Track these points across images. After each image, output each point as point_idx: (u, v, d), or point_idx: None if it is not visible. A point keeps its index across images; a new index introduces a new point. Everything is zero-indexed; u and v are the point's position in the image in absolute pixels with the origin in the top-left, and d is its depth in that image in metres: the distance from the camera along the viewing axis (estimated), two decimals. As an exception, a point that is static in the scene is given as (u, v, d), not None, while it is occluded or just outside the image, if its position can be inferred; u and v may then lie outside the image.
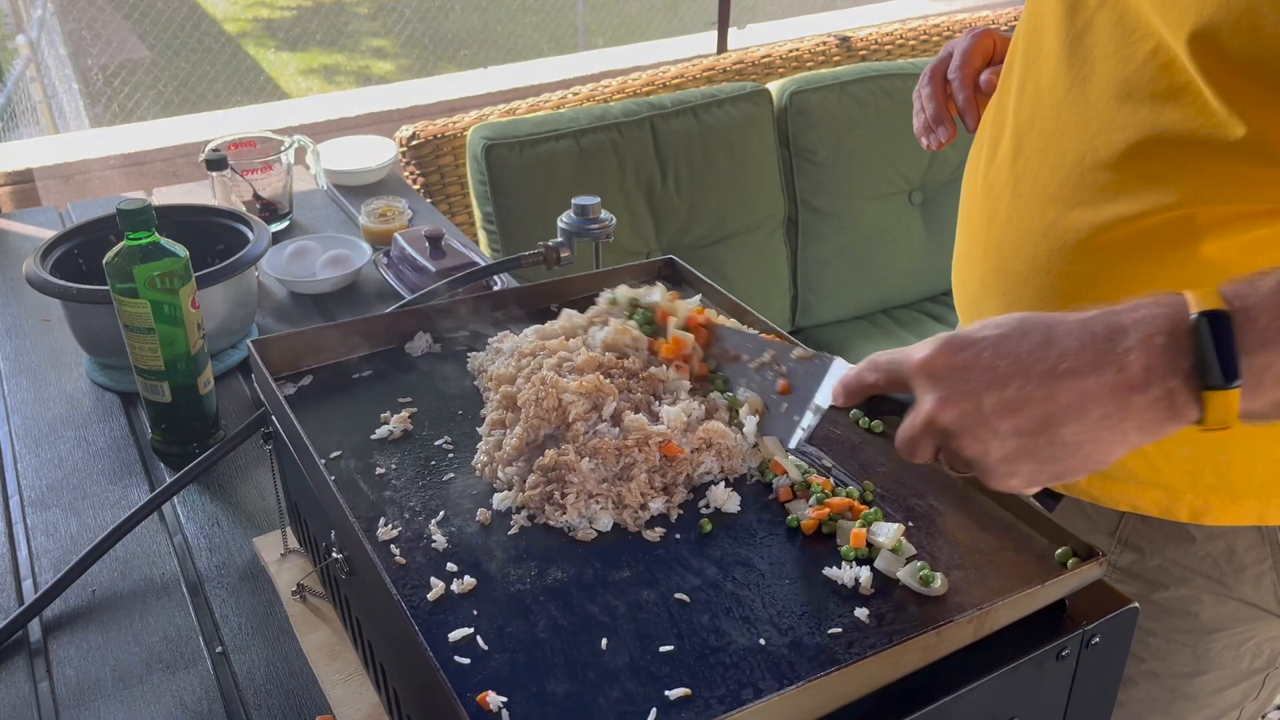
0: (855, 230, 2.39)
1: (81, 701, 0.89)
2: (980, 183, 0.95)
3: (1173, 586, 0.94)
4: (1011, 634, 0.69)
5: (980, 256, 0.94)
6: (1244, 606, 0.93)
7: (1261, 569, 0.91)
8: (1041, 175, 0.86)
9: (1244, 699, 1.00)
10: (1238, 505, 0.88)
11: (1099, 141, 0.81)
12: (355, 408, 0.91)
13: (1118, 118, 0.80)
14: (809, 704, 0.62)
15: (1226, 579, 0.92)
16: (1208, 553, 0.92)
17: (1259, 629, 0.95)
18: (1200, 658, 0.96)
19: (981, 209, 0.94)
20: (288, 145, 1.68)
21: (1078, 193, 0.83)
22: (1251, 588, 0.92)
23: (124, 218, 1.06)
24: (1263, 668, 0.98)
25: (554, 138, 2.07)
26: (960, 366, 0.64)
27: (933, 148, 1.03)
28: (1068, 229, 0.84)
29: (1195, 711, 1.00)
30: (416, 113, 2.57)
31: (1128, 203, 0.80)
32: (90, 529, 1.08)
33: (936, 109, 1.01)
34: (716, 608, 0.70)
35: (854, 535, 0.74)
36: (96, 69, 5.16)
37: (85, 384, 1.33)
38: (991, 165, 0.93)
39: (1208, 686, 0.98)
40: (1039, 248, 0.86)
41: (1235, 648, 0.96)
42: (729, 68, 2.45)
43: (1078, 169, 0.83)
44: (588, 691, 0.64)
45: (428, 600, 0.71)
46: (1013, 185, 0.89)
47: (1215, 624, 0.94)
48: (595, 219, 1.24)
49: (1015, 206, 0.89)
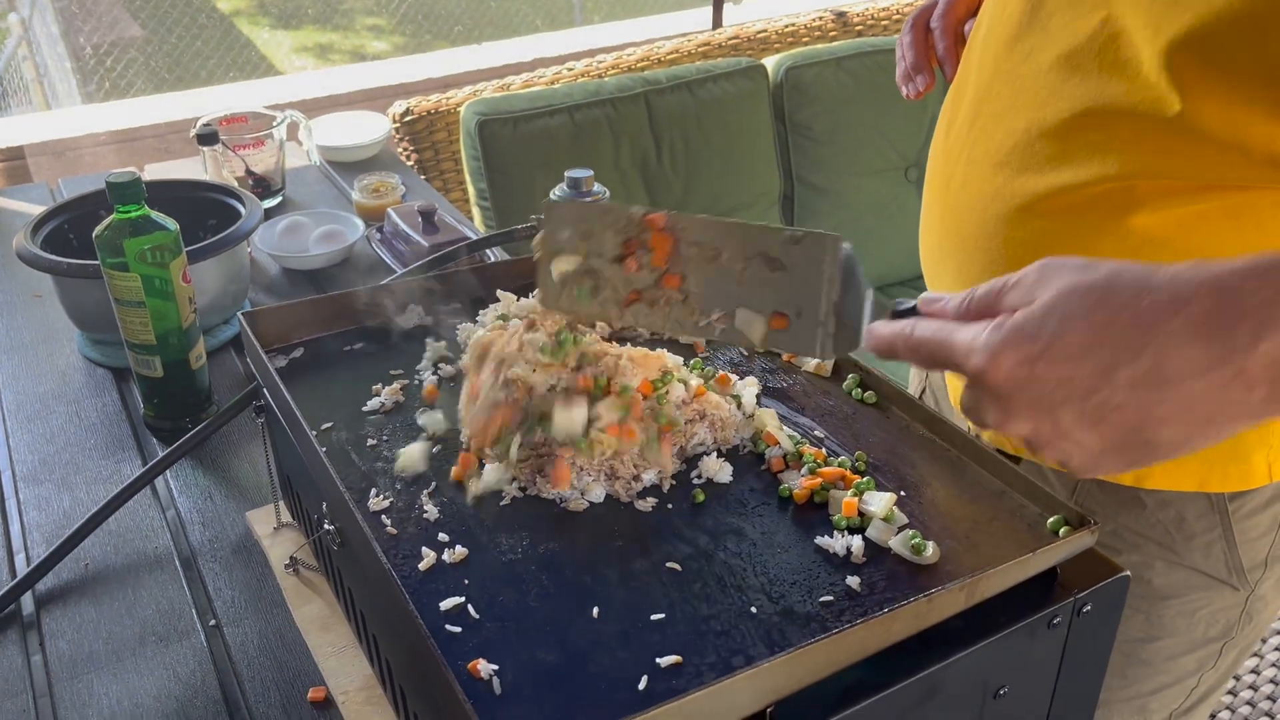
0: (851, 206, 2.38)
1: (75, 674, 0.89)
2: (942, 144, 0.96)
3: (1125, 552, 0.94)
4: (1003, 602, 0.69)
5: (938, 218, 0.95)
6: (1195, 574, 0.94)
7: (1211, 537, 0.92)
8: (994, 140, 0.87)
9: (1200, 668, 1.01)
10: (1179, 469, 0.89)
11: (1046, 110, 0.82)
12: (347, 380, 0.91)
13: (1064, 87, 0.80)
14: (799, 671, 0.62)
15: (1177, 546, 0.93)
16: (1158, 520, 0.92)
17: (1211, 598, 0.95)
18: (1153, 624, 0.97)
19: (940, 171, 0.95)
20: (280, 121, 1.67)
21: (1025, 159, 0.84)
22: (1202, 556, 0.93)
23: (113, 191, 1.05)
24: (1218, 637, 0.99)
25: (548, 113, 2.05)
26: (1029, 380, 0.55)
27: (911, 96, 1.03)
28: (1014, 194, 0.85)
29: (1150, 677, 1.01)
30: (410, 89, 2.56)
31: (1071, 171, 0.80)
32: (83, 504, 1.08)
33: (916, 57, 1.01)
34: (708, 576, 0.70)
35: (845, 504, 0.74)
36: (89, 47, 5.12)
37: (77, 359, 1.32)
38: (952, 128, 0.94)
39: (1162, 653, 0.99)
40: (988, 212, 0.87)
41: (1188, 615, 0.97)
42: (724, 43, 2.44)
43: (1025, 136, 0.84)
44: (578, 659, 0.63)
45: (419, 570, 0.71)
46: (969, 149, 0.90)
47: (1167, 591, 0.95)
48: (588, 192, 1.23)
49: (969, 170, 0.90)
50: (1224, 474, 0.89)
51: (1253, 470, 0.88)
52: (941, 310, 0.61)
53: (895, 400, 0.86)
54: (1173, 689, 1.02)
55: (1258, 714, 1.70)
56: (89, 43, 5.16)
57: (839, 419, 0.85)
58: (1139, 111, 0.76)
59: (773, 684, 0.60)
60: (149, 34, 5.36)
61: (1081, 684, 0.75)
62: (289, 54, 6.15)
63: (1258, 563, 0.94)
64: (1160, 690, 1.02)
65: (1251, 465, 0.88)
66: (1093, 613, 0.71)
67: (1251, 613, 0.98)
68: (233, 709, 0.86)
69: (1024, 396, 0.55)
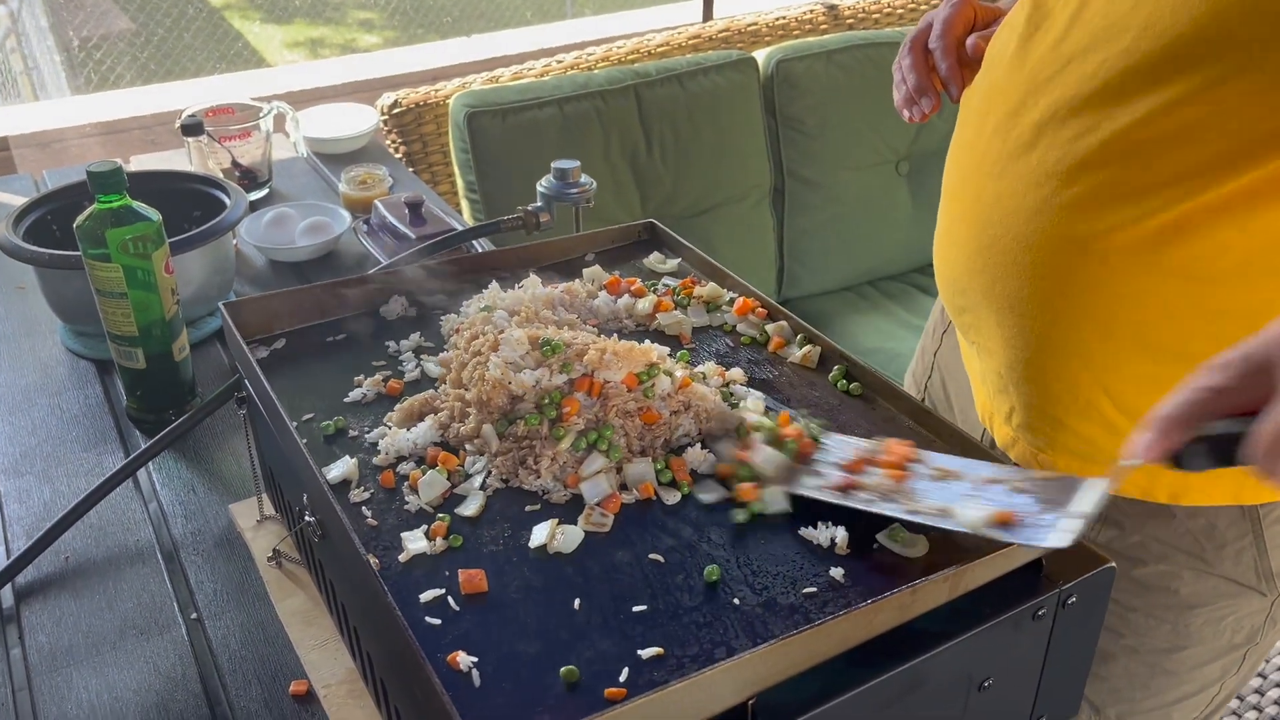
0: (842, 201, 2.37)
1: (54, 667, 0.88)
2: (966, 156, 0.93)
3: (1152, 562, 0.93)
4: (988, 594, 0.69)
5: (964, 232, 0.92)
6: (1224, 583, 0.93)
7: (1242, 544, 0.91)
8: (1038, 151, 0.84)
9: (1224, 674, 1.00)
10: (1214, 484, 0.87)
11: (1096, 126, 0.79)
12: (329, 371, 0.90)
13: (1115, 106, 0.78)
14: (782, 662, 0.61)
15: (1207, 555, 0.91)
16: (1188, 529, 0.91)
17: (1239, 605, 0.94)
18: (1180, 634, 0.96)
19: (970, 183, 0.92)
20: (266, 112, 1.66)
21: (1077, 171, 0.81)
22: (1232, 564, 0.92)
23: (94, 180, 1.04)
24: (1242, 643, 0.97)
25: (537, 105, 2.04)
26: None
27: (915, 120, 1.00)
28: (1062, 207, 0.82)
29: (1175, 687, 0.99)
30: (399, 81, 2.54)
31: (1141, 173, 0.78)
32: (64, 496, 1.07)
33: (919, 80, 0.99)
34: (691, 568, 0.69)
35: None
36: (77, 40, 5.09)
37: (60, 352, 1.31)
38: (979, 139, 0.91)
39: (1187, 662, 0.97)
40: (1029, 226, 0.84)
41: (1215, 623, 0.95)
42: (715, 36, 2.43)
43: (1078, 146, 0.80)
44: (559, 651, 0.63)
45: (399, 562, 0.70)
46: (1003, 161, 0.87)
47: (1195, 600, 0.94)
48: (575, 183, 1.23)
49: (1001, 184, 0.87)
50: (1257, 485, 0.87)
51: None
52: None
53: (881, 391, 0.86)
54: (1196, 698, 1.00)
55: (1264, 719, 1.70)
56: (78, 36, 5.12)
57: (824, 410, 0.85)
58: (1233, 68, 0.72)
59: (754, 675, 0.60)
60: (138, 27, 5.33)
61: (1067, 676, 0.75)
62: (280, 48, 6.12)
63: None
64: (1184, 700, 1.00)
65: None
66: (1078, 604, 0.71)
67: (1276, 617, 0.96)
68: (213, 703, 0.85)
69: None
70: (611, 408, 0.79)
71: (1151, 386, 0.82)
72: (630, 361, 0.81)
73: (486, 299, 0.93)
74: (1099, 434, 0.88)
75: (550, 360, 0.80)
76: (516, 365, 0.80)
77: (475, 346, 0.84)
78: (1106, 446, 0.88)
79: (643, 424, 0.80)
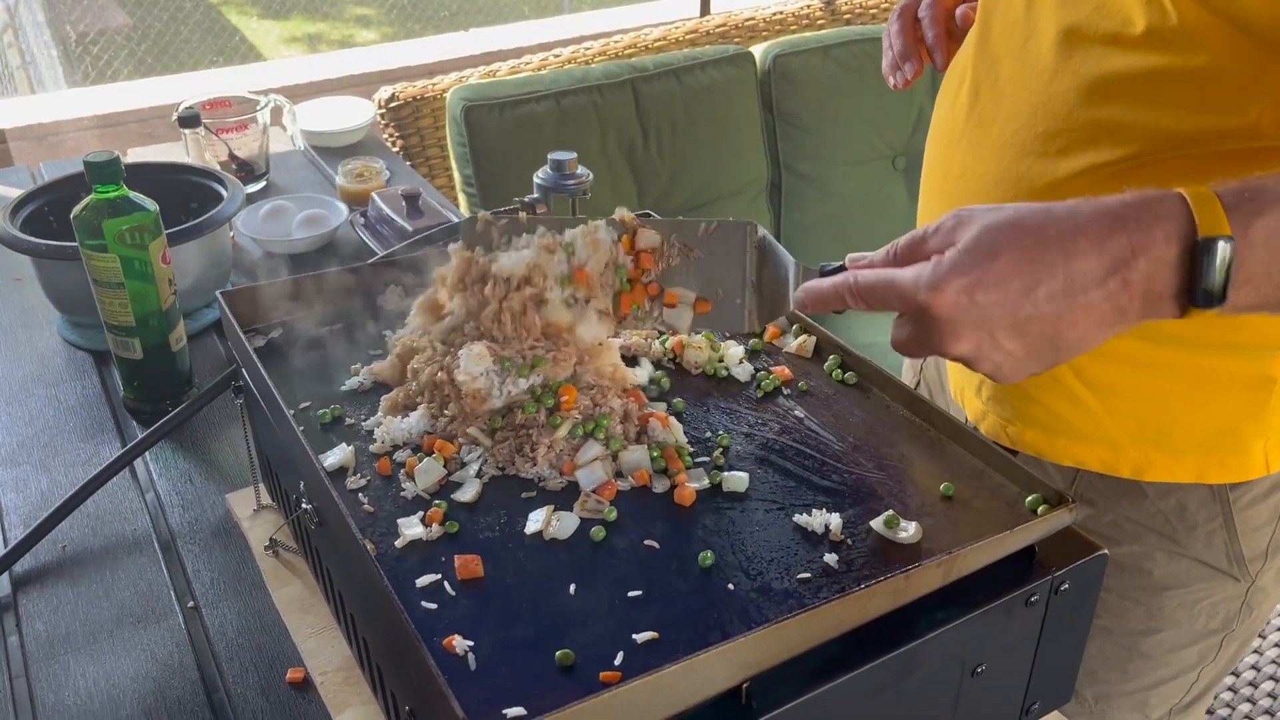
0: (839, 196, 2.38)
1: (51, 655, 0.88)
2: (940, 132, 0.95)
3: (1126, 542, 0.94)
4: (981, 580, 0.69)
5: (937, 207, 0.93)
6: (1196, 565, 0.93)
7: (1213, 527, 0.91)
8: (997, 126, 0.86)
9: (1201, 661, 1.00)
10: (1178, 461, 0.88)
11: (1050, 91, 0.81)
12: (326, 360, 0.90)
13: (1068, 64, 0.80)
14: (775, 646, 0.61)
15: (1178, 536, 0.92)
16: (1159, 509, 0.92)
17: (1213, 589, 0.95)
18: (1154, 616, 0.96)
19: (940, 159, 0.94)
20: (263, 105, 1.66)
21: (1029, 144, 0.83)
22: (1203, 546, 0.92)
23: (91, 170, 1.04)
24: (1219, 629, 0.98)
25: (534, 99, 2.05)
26: (970, 305, 0.63)
27: (899, 86, 1.02)
28: (1019, 179, 0.84)
29: (1151, 670, 1.00)
30: (396, 75, 2.55)
31: (1079, 155, 0.80)
32: (61, 486, 1.07)
33: (904, 45, 1.00)
34: (686, 554, 0.70)
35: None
36: (75, 35, 5.08)
37: (57, 343, 1.31)
38: (951, 115, 0.93)
39: (1163, 645, 0.98)
40: (990, 200, 0.86)
41: (1189, 607, 0.96)
42: (712, 30, 2.43)
43: (1030, 120, 0.83)
44: (555, 635, 0.63)
45: (395, 548, 0.70)
46: (969, 135, 0.89)
47: (1168, 581, 0.94)
48: (572, 174, 1.23)
49: (969, 157, 0.89)
50: (1222, 466, 0.88)
51: (1250, 462, 0.88)
52: (870, 263, 0.69)
53: (876, 381, 0.86)
54: (1173, 683, 1.01)
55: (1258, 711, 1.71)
56: (75, 30, 5.12)
57: (819, 399, 0.85)
58: (1150, 76, 0.75)
59: (748, 658, 0.60)
60: (135, 22, 5.32)
61: (1059, 662, 0.75)
62: (277, 44, 6.11)
63: (1258, 553, 0.93)
64: (1161, 684, 1.01)
65: (1250, 457, 0.88)
66: (1070, 591, 0.71)
67: (1252, 604, 0.97)
68: (210, 690, 0.85)
69: (967, 320, 0.63)
70: (602, 398, 0.80)
71: (1114, 360, 0.84)
72: (610, 380, 0.82)
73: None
74: (1064, 406, 0.89)
75: (512, 371, 0.80)
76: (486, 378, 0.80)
77: (424, 366, 0.83)
78: (1072, 419, 0.89)
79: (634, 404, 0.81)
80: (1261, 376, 0.84)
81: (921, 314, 0.64)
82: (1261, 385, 0.84)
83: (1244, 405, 0.85)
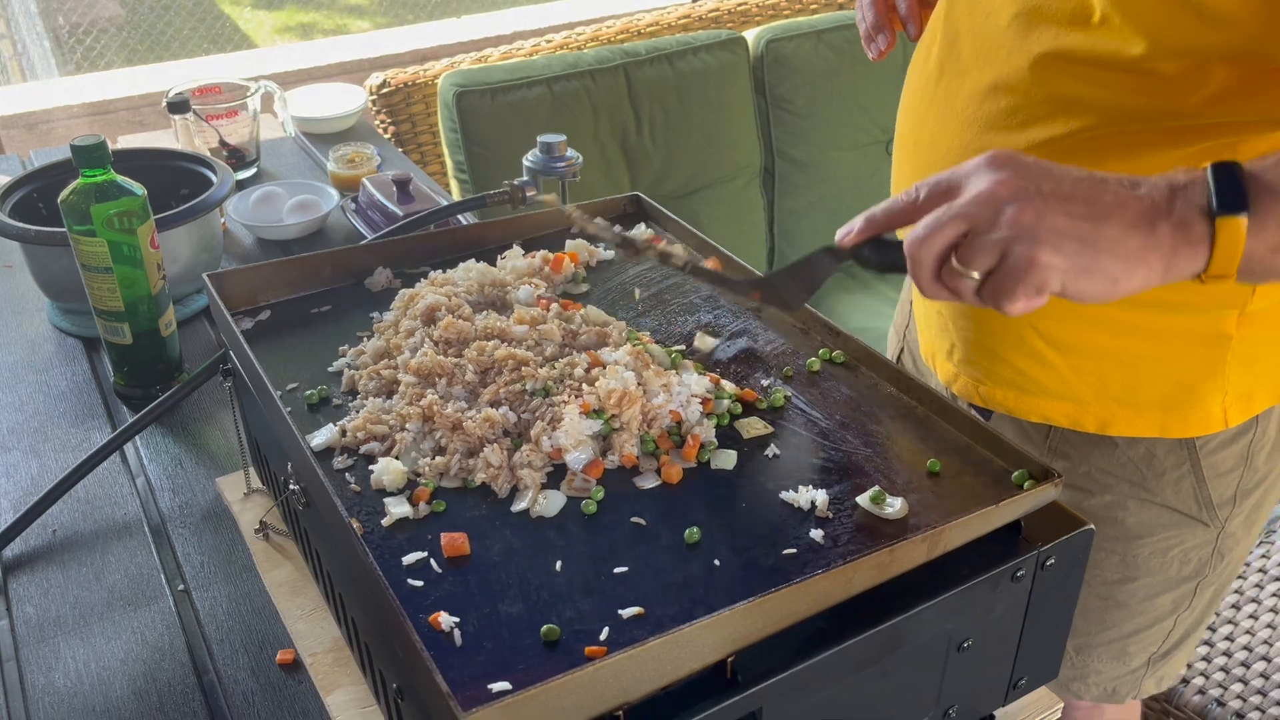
0: (832, 181, 2.37)
1: (41, 638, 0.88)
2: (910, 104, 0.97)
3: (1099, 493, 0.96)
4: (966, 555, 0.69)
5: (908, 179, 0.96)
6: (1166, 512, 0.96)
7: (1180, 473, 0.94)
8: (960, 98, 0.88)
9: (1176, 609, 1.03)
10: (1141, 417, 0.91)
11: (1009, 65, 0.84)
12: (313, 342, 0.90)
13: (1024, 43, 0.82)
14: (761, 620, 0.62)
15: (1148, 484, 0.95)
16: (1129, 458, 0.94)
17: (1184, 535, 0.98)
18: (1129, 564, 0.99)
19: (909, 131, 0.96)
20: (254, 91, 1.66)
21: (991, 116, 0.85)
22: (1172, 492, 0.95)
23: (78, 154, 1.04)
24: (1191, 576, 1.01)
25: (526, 85, 2.04)
26: (1021, 163, 0.66)
27: (873, 57, 1.03)
28: (981, 150, 0.85)
29: (1128, 619, 1.02)
30: (388, 62, 2.54)
31: (1037, 128, 0.82)
32: (51, 471, 1.07)
33: (876, 17, 1.01)
34: (672, 530, 0.70)
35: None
36: (67, 26, 5.06)
37: (47, 329, 1.31)
38: (919, 88, 0.95)
39: (1138, 594, 1.01)
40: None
41: (1162, 554, 0.99)
42: (704, 15, 2.42)
43: (991, 92, 0.85)
44: (540, 611, 0.63)
45: (382, 526, 0.70)
46: (936, 107, 0.91)
47: (1140, 530, 0.97)
48: (561, 157, 1.23)
49: (937, 129, 0.91)
50: (1183, 421, 0.91)
51: (1210, 416, 0.90)
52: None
53: (864, 359, 0.86)
54: (1150, 631, 1.04)
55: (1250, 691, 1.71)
56: (68, 22, 5.09)
57: (808, 378, 0.85)
58: (1100, 59, 0.78)
59: (733, 632, 0.60)
60: (128, 13, 5.29)
61: (1046, 637, 0.75)
62: (270, 34, 6.08)
63: (1226, 499, 0.96)
64: (1138, 633, 1.03)
65: (1209, 411, 0.90)
66: (1056, 566, 0.71)
67: (1223, 550, 1.00)
68: (200, 672, 0.86)
69: (1015, 169, 0.65)
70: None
71: (1075, 321, 0.87)
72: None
73: (394, 312, 0.91)
74: (1031, 365, 0.92)
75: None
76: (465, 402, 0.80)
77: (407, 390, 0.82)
78: (1039, 377, 0.92)
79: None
80: (1216, 333, 0.86)
81: (973, 171, 0.66)
82: (1217, 342, 0.87)
83: (1201, 362, 0.88)
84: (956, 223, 0.65)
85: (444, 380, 0.80)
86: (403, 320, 0.88)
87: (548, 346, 0.83)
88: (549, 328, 0.84)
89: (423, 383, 0.80)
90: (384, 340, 0.86)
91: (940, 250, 0.66)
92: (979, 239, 0.64)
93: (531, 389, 0.78)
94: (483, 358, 0.81)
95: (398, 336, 0.86)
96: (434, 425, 0.77)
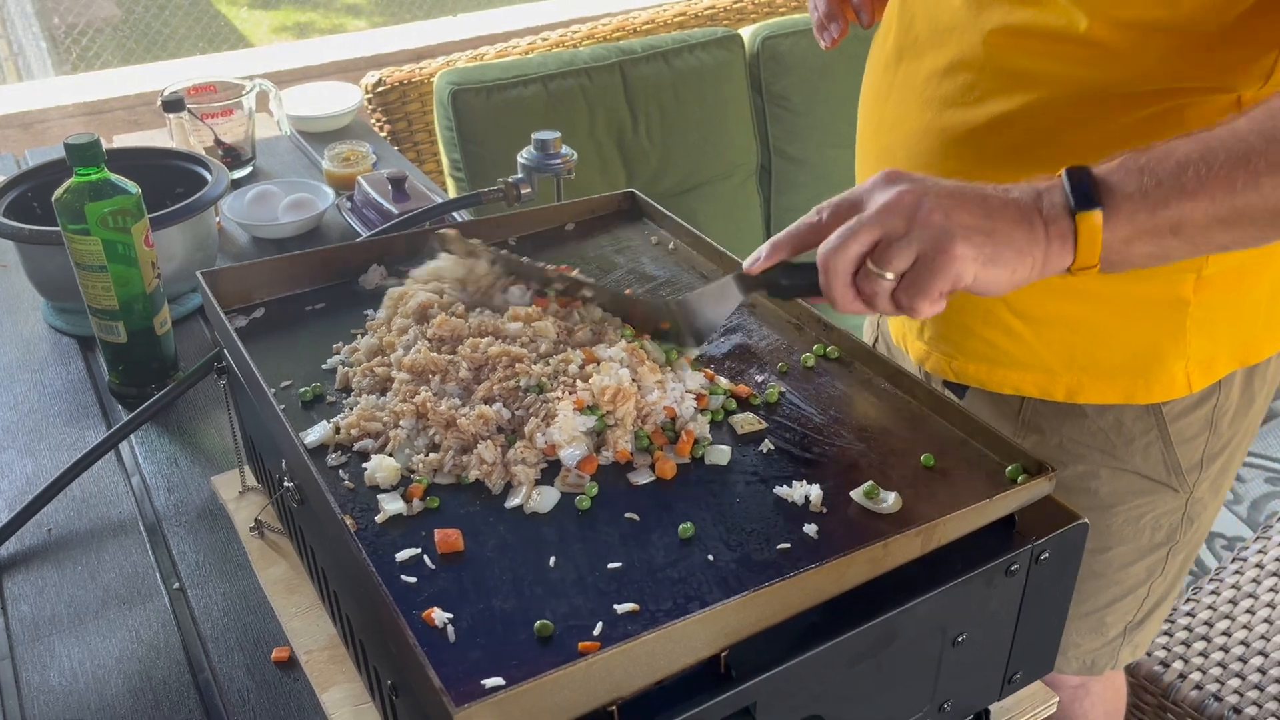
0: (828, 179, 2.37)
1: (37, 636, 0.88)
2: (870, 88, 0.99)
3: (1071, 464, 0.99)
4: (961, 549, 0.69)
5: (872, 162, 0.98)
6: (1137, 479, 0.99)
7: (1149, 439, 0.96)
8: (918, 79, 0.91)
9: (1150, 576, 1.05)
10: (1107, 384, 0.94)
11: (964, 43, 0.87)
12: (307, 339, 0.90)
13: (978, 21, 0.85)
14: (755, 614, 0.62)
15: (1118, 451, 0.97)
16: (1099, 427, 0.97)
17: (1154, 502, 1.00)
18: (1102, 534, 1.01)
19: (870, 115, 0.99)
20: (249, 89, 1.65)
21: (948, 95, 0.89)
22: (1142, 458, 0.97)
23: (72, 153, 1.04)
24: (1163, 542, 1.03)
25: (522, 83, 2.04)
26: (915, 177, 0.71)
27: (826, 46, 1.04)
28: (941, 130, 0.90)
29: (1104, 590, 1.04)
30: (384, 60, 2.53)
31: (994, 102, 0.86)
32: (46, 470, 1.07)
33: (828, 6, 1.02)
34: (666, 526, 0.70)
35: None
36: (63, 26, 5.05)
37: (42, 328, 1.31)
38: (878, 71, 0.97)
39: (1113, 563, 1.03)
40: (918, 149, 0.92)
41: (1134, 522, 1.01)
42: (701, 13, 2.42)
43: (948, 71, 0.88)
44: (534, 607, 0.63)
45: (376, 523, 0.70)
46: (895, 90, 0.94)
47: (1113, 498, 1.00)
48: (556, 154, 1.23)
49: (897, 111, 0.94)
50: (1148, 387, 0.93)
51: (1174, 382, 0.93)
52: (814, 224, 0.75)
53: (858, 355, 0.86)
54: (1125, 600, 1.06)
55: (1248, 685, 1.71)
56: (64, 22, 5.09)
57: (801, 373, 0.85)
58: (1050, 32, 0.81)
59: (727, 626, 0.60)
60: (124, 13, 5.29)
61: (1041, 632, 0.75)
62: (267, 34, 6.08)
63: (1194, 464, 0.99)
64: (1114, 603, 1.05)
65: (1172, 377, 0.93)
66: (1051, 560, 0.71)
67: (1192, 515, 1.02)
68: (196, 670, 0.86)
69: (913, 181, 0.70)
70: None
71: (1042, 292, 0.88)
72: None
73: (385, 309, 0.91)
74: (1000, 338, 0.95)
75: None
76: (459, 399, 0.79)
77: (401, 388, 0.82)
78: (1009, 349, 0.95)
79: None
80: (1175, 298, 0.89)
81: (871, 189, 0.71)
82: (1176, 307, 0.90)
83: (1162, 327, 0.91)
84: (870, 230, 0.70)
85: (438, 377, 0.80)
86: (395, 318, 0.88)
87: (542, 343, 0.83)
88: (543, 325, 0.84)
89: (416, 380, 0.80)
90: (378, 338, 0.86)
91: (855, 257, 0.70)
92: (895, 243, 0.69)
93: (525, 385, 0.78)
94: (476, 354, 0.81)
95: (391, 334, 0.86)
96: (428, 422, 0.77)
